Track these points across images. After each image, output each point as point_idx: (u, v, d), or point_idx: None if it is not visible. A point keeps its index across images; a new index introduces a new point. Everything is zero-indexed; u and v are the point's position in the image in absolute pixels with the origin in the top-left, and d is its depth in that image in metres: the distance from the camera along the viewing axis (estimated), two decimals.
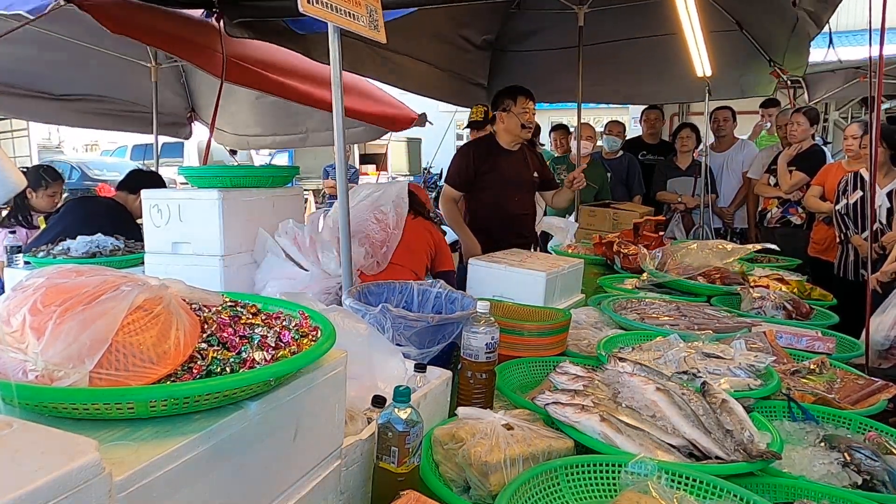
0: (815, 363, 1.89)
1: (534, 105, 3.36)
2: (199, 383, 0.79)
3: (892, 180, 3.64)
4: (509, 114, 3.32)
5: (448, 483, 1.18)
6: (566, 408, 1.31)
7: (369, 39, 2.19)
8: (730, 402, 1.38)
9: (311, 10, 1.87)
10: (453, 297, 1.88)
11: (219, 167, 3.75)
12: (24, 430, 0.63)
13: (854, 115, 10.58)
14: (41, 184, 3.83)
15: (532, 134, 3.60)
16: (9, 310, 0.78)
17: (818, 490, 1.20)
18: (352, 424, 1.17)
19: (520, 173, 3.42)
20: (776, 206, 4.60)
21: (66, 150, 19.79)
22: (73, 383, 0.73)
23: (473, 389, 1.49)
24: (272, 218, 2.49)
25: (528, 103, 3.32)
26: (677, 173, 5.08)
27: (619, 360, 1.57)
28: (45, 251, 2.76)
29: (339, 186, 2.22)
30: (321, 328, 1.03)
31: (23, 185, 2.25)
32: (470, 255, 3.14)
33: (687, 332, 2.08)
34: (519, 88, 3.38)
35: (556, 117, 14.74)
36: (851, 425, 1.54)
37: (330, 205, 7.61)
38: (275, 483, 0.93)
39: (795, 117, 4.52)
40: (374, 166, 15.63)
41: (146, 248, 2.43)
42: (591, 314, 2.39)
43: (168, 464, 0.72)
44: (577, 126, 4.89)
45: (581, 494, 1.17)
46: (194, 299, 0.97)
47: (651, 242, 3.49)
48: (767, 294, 2.57)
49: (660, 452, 1.24)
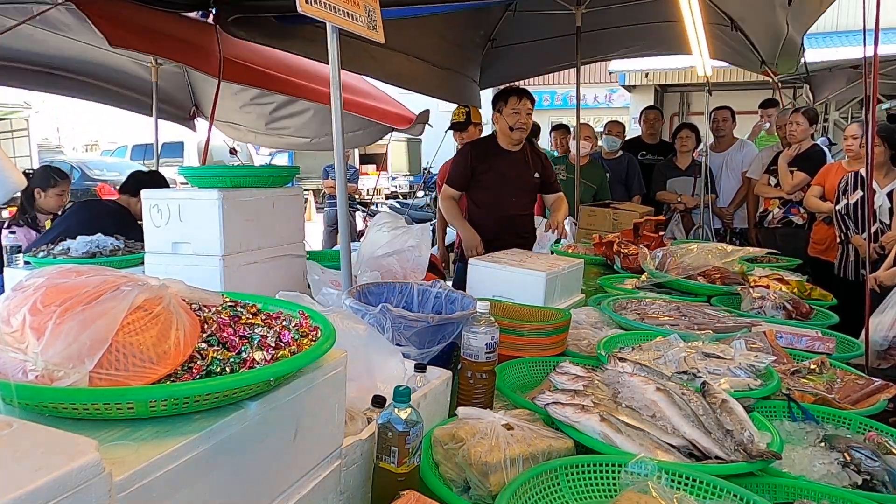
0: (815, 363, 1.89)
1: (530, 105, 3.29)
2: (199, 383, 0.79)
3: (892, 180, 3.64)
4: (501, 115, 3.30)
5: (448, 483, 1.18)
6: (566, 408, 1.31)
7: (364, 38, 2.19)
8: (730, 402, 1.38)
9: (311, 10, 1.87)
10: (453, 297, 1.88)
11: (219, 167, 3.76)
12: (24, 430, 0.63)
13: (854, 115, 10.59)
14: (50, 182, 3.85)
15: (530, 134, 3.57)
16: (9, 310, 0.78)
17: (818, 490, 1.20)
18: (352, 424, 1.17)
19: (519, 174, 3.40)
20: (778, 206, 4.60)
21: (66, 150, 19.79)
22: (73, 383, 0.73)
23: (473, 389, 1.49)
24: (272, 218, 2.49)
25: (521, 104, 3.25)
26: (677, 173, 5.08)
27: (619, 360, 1.57)
28: (45, 251, 2.75)
29: (338, 186, 2.22)
30: (321, 328, 1.03)
31: (23, 184, 2.26)
32: (469, 246, 3.19)
33: (687, 332, 2.08)
34: (512, 89, 3.35)
35: (556, 117, 14.75)
36: (851, 425, 1.54)
37: (331, 205, 7.62)
38: (275, 483, 0.93)
39: (795, 117, 4.52)
40: (374, 166, 15.65)
41: (146, 248, 2.43)
42: (591, 314, 2.39)
43: (168, 464, 0.72)
44: (577, 126, 4.90)
45: (581, 494, 1.17)
46: (194, 299, 0.97)
47: (651, 242, 3.49)
48: (767, 294, 2.57)
49: (660, 452, 1.24)
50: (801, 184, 4.39)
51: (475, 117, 4.48)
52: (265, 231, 2.46)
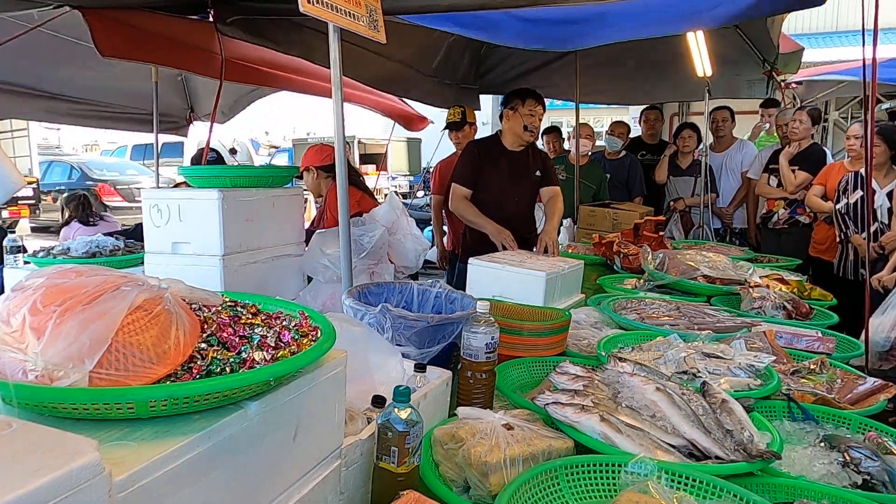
0: (814, 363, 1.89)
1: (542, 110, 3.29)
2: (199, 383, 0.79)
3: (892, 180, 3.64)
4: (515, 113, 3.26)
5: (448, 483, 1.18)
6: (566, 408, 1.31)
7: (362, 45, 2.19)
8: (730, 402, 1.38)
9: (312, 9, 1.87)
10: (453, 297, 1.88)
11: (219, 167, 3.75)
12: (24, 430, 0.63)
13: (854, 115, 10.59)
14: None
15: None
16: (9, 310, 0.78)
17: (818, 490, 1.20)
18: (352, 424, 1.17)
19: (521, 174, 3.37)
20: (783, 206, 4.57)
21: (66, 150, 19.79)
22: (73, 383, 0.73)
23: (473, 389, 1.49)
24: (272, 218, 2.49)
25: (537, 107, 3.25)
26: (677, 173, 5.08)
27: (619, 360, 1.57)
28: (45, 251, 2.76)
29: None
30: (321, 328, 1.03)
31: (23, 184, 2.26)
32: (500, 239, 3.04)
33: (687, 332, 2.07)
34: (530, 91, 3.32)
35: (556, 117, 14.72)
36: (851, 425, 1.54)
37: None
38: (275, 483, 0.93)
39: (798, 115, 4.51)
40: (374, 166, 15.64)
41: (146, 248, 2.43)
42: (591, 314, 2.39)
43: (168, 464, 0.72)
44: (576, 125, 4.89)
45: (581, 494, 1.17)
46: (194, 299, 0.97)
47: (651, 242, 3.49)
48: (767, 294, 2.57)
49: (659, 452, 1.24)
50: (804, 183, 4.38)
51: (470, 117, 4.48)
52: (265, 231, 2.46)
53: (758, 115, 6.08)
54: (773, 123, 5.54)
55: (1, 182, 1.99)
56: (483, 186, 3.33)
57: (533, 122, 3.25)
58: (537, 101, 3.26)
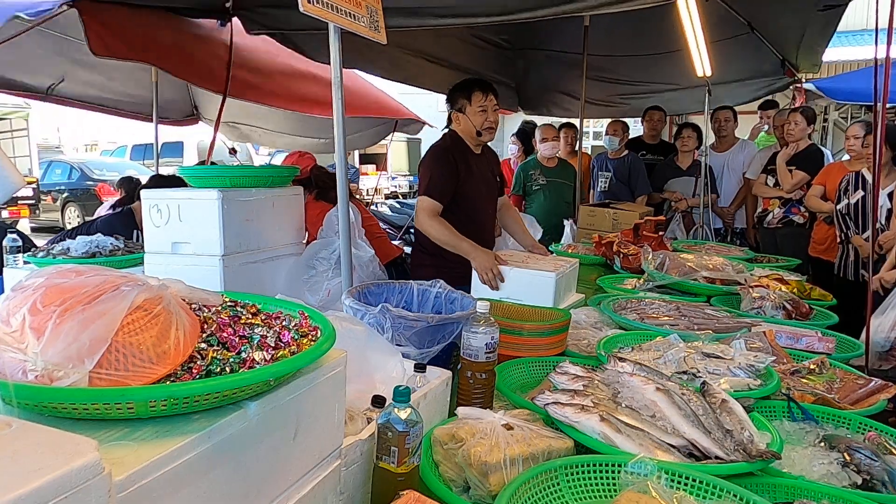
0: (814, 363, 1.89)
1: (494, 98, 2.81)
2: (198, 383, 0.79)
3: (892, 181, 3.64)
4: (464, 115, 2.80)
5: (448, 483, 1.18)
6: (566, 408, 1.31)
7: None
8: (730, 402, 1.38)
9: (312, 9, 1.87)
10: (453, 297, 1.88)
11: (219, 167, 3.75)
12: (24, 430, 0.63)
13: (854, 115, 10.58)
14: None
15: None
16: (9, 310, 0.78)
17: (818, 490, 1.20)
18: (352, 424, 1.17)
19: (488, 181, 2.98)
20: (778, 206, 4.59)
21: (66, 150, 19.79)
22: (72, 383, 0.73)
23: (473, 389, 1.49)
24: (272, 218, 2.49)
25: (487, 100, 2.77)
26: (678, 173, 5.08)
27: (619, 360, 1.57)
28: (45, 251, 2.76)
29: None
30: (321, 328, 1.03)
31: (22, 184, 2.26)
32: (484, 268, 2.43)
33: (687, 332, 2.08)
34: (476, 81, 2.84)
35: None
36: (851, 425, 1.54)
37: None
38: (275, 483, 0.93)
39: (793, 116, 4.52)
40: (374, 166, 15.64)
41: (146, 248, 2.43)
42: (591, 314, 2.39)
43: (168, 464, 0.72)
44: (580, 124, 4.91)
45: (581, 494, 1.17)
46: (194, 299, 0.97)
47: (651, 242, 3.49)
48: (767, 294, 2.57)
49: (659, 452, 1.24)
50: (801, 182, 4.39)
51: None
52: (265, 231, 2.46)
53: (756, 115, 6.08)
54: (771, 125, 5.55)
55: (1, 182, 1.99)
56: (461, 194, 2.80)
57: (486, 118, 2.78)
58: (484, 91, 2.78)
